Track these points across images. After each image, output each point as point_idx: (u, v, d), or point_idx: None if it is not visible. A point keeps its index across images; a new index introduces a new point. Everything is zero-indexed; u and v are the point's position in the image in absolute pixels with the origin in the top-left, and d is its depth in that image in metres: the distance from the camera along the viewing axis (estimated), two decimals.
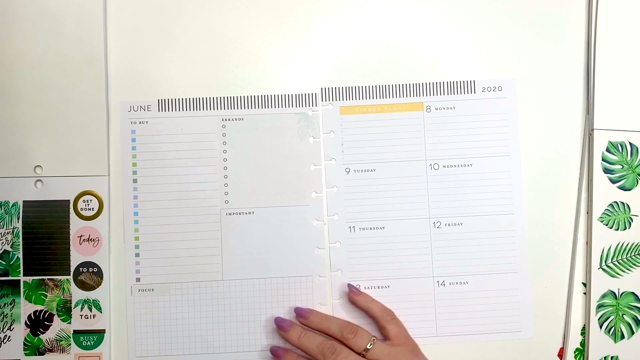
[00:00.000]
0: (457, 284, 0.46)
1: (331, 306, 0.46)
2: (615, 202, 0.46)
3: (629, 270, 0.46)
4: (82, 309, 0.46)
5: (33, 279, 0.46)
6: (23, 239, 0.46)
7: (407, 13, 0.47)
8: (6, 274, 0.46)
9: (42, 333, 0.46)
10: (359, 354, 0.41)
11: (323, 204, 0.47)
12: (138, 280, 0.46)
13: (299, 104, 0.47)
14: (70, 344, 0.46)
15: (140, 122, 0.47)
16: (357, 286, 0.46)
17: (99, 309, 0.46)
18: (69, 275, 0.46)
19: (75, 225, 0.46)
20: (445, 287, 0.46)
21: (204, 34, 0.47)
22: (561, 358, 0.47)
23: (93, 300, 0.46)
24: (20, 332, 0.46)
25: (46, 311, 0.46)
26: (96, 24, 0.46)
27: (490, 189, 0.47)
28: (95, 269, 0.46)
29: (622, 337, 0.46)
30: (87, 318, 0.46)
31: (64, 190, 0.46)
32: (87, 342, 0.46)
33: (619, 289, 0.46)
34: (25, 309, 0.46)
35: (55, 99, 0.46)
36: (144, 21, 0.47)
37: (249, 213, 0.46)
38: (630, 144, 0.46)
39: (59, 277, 0.46)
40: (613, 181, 0.46)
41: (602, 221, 0.46)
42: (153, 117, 0.47)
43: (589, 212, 0.46)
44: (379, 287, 0.46)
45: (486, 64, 0.47)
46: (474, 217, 0.46)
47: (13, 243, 0.46)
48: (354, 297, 0.45)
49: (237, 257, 0.46)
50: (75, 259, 0.46)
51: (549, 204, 0.47)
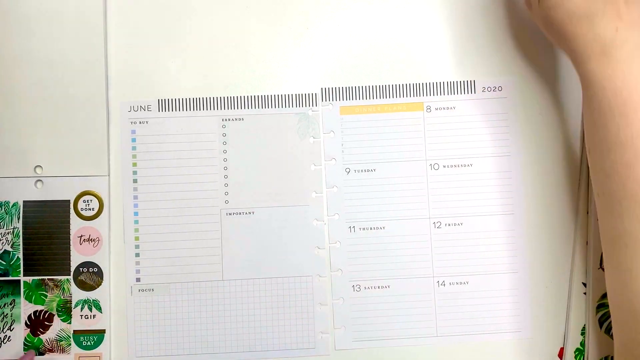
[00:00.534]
0: (457, 284, 0.46)
1: (331, 306, 0.46)
2: None
3: None
4: (82, 309, 0.46)
5: (33, 279, 0.46)
6: (23, 239, 0.46)
7: (407, 13, 0.47)
8: (6, 274, 0.46)
9: (42, 333, 0.46)
10: None
11: (323, 204, 0.46)
12: (138, 280, 0.46)
13: (299, 104, 0.47)
14: (70, 344, 0.46)
15: (140, 122, 0.47)
16: (357, 286, 0.46)
17: (99, 309, 0.46)
18: (69, 275, 0.46)
19: (76, 225, 0.46)
20: (445, 287, 0.46)
21: (203, 34, 0.47)
22: (561, 358, 0.47)
23: (93, 300, 0.46)
24: (20, 332, 0.46)
25: (46, 311, 0.46)
26: (96, 24, 0.46)
27: (490, 189, 0.47)
28: (96, 269, 0.46)
29: None
30: (87, 318, 0.46)
31: (64, 190, 0.46)
32: (87, 342, 0.46)
33: None
34: (25, 309, 0.46)
35: (56, 99, 0.46)
36: (144, 21, 0.47)
37: (249, 213, 0.46)
38: None
39: (59, 277, 0.46)
40: None
41: None
42: (153, 117, 0.47)
43: (589, 212, 0.46)
44: (379, 287, 0.46)
45: (486, 64, 0.47)
46: (474, 217, 0.46)
47: (13, 243, 0.46)
48: None
49: (237, 257, 0.46)
50: (76, 259, 0.46)
51: (549, 204, 0.47)
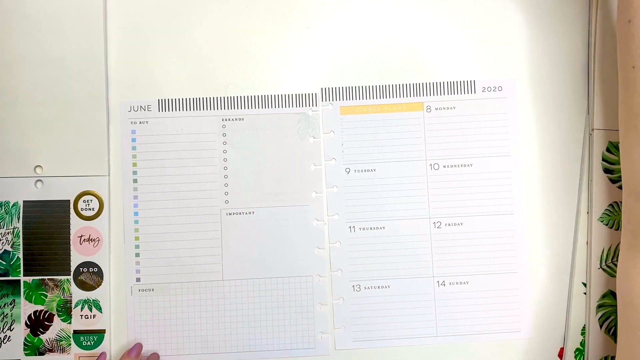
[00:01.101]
0: (457, 284, 0.46)
1: (331, 306, 0.46)
2: (615, 202, 0.46)
3: None
4: (82, 309, 0.46)
5: (33, 279, 0.46)
6: (23, 239, 0.46)
7: (407, 13, 0.47)
8: (6, 274, 0.46)
9: (42, 333, 0.46)
10: None
11: (323, 204, 0.46)
12: (138, 280, 0.46)
13: (299, 104, 0.47)
14: (70, 344, 0.46)
15: (140, 122, 0.47)
16: (357, 286, 0.46)
17: (99, 309, 0.46)
18: (69, 275, 0.46)
19: (76, 225, 0.46)
20: (445, 287, 0.46)
21: (203, 34, 0.47)
22: (561, 358, 0.47)
23: (93, 300, 0.46)
24: (20, 332, 0.46)
25: (46, 311, 0.46)
26: (96, 24, 0.46)
27: (490, 189, 0.47)
28: (96, 269, 0.46)
29: None
30: (87, 318, 0.46)
31: (64, 190, 0.46)
32: (87, 342, 0.46)
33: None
34: (25, 309, 0.46)
35: (56, 99, 0.46)
36: (144, 21, 0.47)
37: (249, 213, 0.46)
38: None
39: (59, 277, 0.46)
40: (613, 181, 0.46)
41: (602, 221, 0.46)
42: (153, 117, 0.47)
43: (589, 212, 0.46)
44: (379, 287, 0.46)
45: (486, 64, 0.47)
46: (474, 217, 0.46)
47: (13, 243, 0.46)
48: None
49: (237, 257, 0.46)
50: (76, 259, 0.46)
51: (549, 204, 0.47)
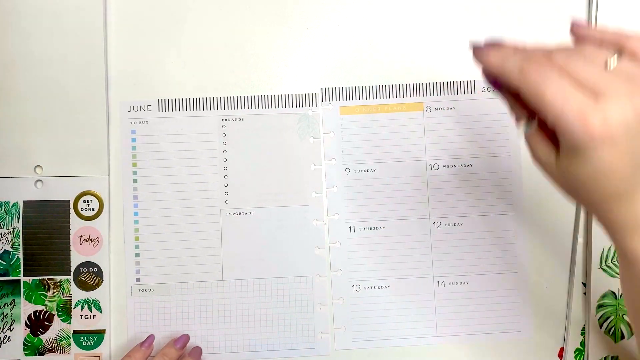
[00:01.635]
0: (457, 284, 0.46)
1: (331, 306, 0.46)
2: None
3: None
4: (82, 309, 0.46)
5: (33, 279, 0.46)
6: (23, 239, 0.46)
7: (407, 13, 0.47)
8: (6, 274, 0.46)
9: (42, 333, 0.46)
10: None
11: (323, 204, 0.46)
12: (138, 280, 0.46)
13: (299, 104, 0.47)
14: (70, 344, 0.46)
15: (140, 122, 0.47)
16: (357, 286, 0.46)
17: (99, 309, 0.46)
18: (69, 275, 0.46)
19: (76, 225, 0.46)
20: (445, 287, 0.46)
21: (204, 34, 0.47)
22: (561, 358, 0.47)
23: (93, 300, 0.46)
24: (20, 332, 0.46)
25: (46, 311, 0.46)
26: (96, 24, 0.46)
27: (490, 189, 0.47)
28: (95, 269, 0.46)
29: (622, 337, 0.46)
30: (87, 318, 0.46)
31: (64, 190, 0.46)
32: (87, 342, 0.46)
33: (619, 289, 0.46)
34: (25, 309, 0.46)
35: (56, 99, 0.46)
36: (144, 21, 0.47)
37: (249, 213, 0.46)
38: None
39: (59, 277, 0.46)
40: None
41: None
42: (153, 117, 0.47)
43: (588, 212, 0.46)
44: (379, 287, 0.46)
45: None
46: (474, 217, 0.46)
47: (13, 243, 0.46)
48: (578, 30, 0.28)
49: (237, 257, 0.46)
50: (75, 259, 0.46)
51: (549, 204, 0.47)
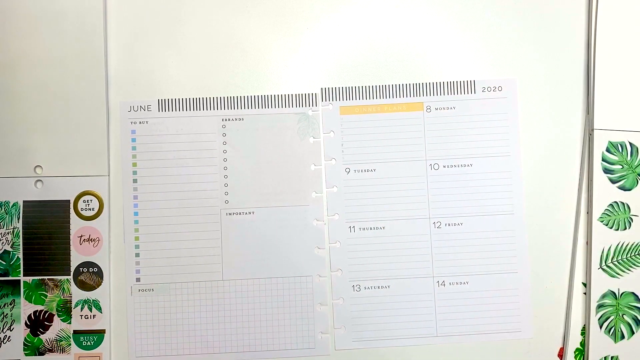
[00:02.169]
0: (457, 284, 0.46)
1: (331, 306, 0.46)
2: (615, 202, 0.46)
3: (629, 270, 0.46)
4: (82, 309, 0.46)
5: (33, 279, 0.46)
6: (23, 239, 0.46)
7: (407, 13, 0.47)
8: (6, 274, 0.46)
9: (42, 333, 0.46)
10: None
11: (323, 204, 0.46)
12: (138, 280, 0.46)
13: (299, 104, 0.47)
14: (70, 344, 0.46)
15: (140, 122, 0.47)
16: (357, 286, 0.46)
17: (99, 309, 0.46)
18: (69, 275, 0.46)
19: (76, 225, 0.46)
20: (445, 287, 0.46)
21: (204, 34, 0.47)
22: (561, 358, 0.47)
23: (93, 300, 0.46)
24: (20, 332, 0.46)
25: (46, 311, 0.46)
26: (96, 24, 0.46)
27: (490, 189, 0.47)
28: (95, 269, 0.46)
29: (622, 337, 0.46)
30: (87, 318, 0.46)
31: (64, 190, 0.46)
32: (87, 342, 0.46)
33: (619, 289, 0.46)
34: (25, 309, 0.46)
35: (56, 99, 0.46)
36: (144, 21, 0.47)
37: (249, 213, 0.46)
38: (630, 144, 0.46)
39: (59, 277, 0.46)
40: (613, 181, 0.46)
41: (602, 221, 0.46)
42: (153, 117, 0.47)
43: (589, 212, 0.46)
44: (379, 287, 0.46)
45: (486, 64, 0.47)
46: (474, 217, 0.46)
47: (13, 243, 0.46)
48: None
49: (237, 257, 0.46)
50: (75, 259, 0.46)
51: (549, 204, 0.47)
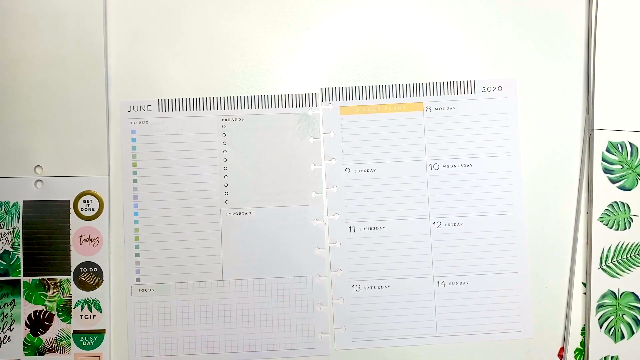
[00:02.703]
0: (457, 284, 0.46)
1: (331, 306, 0.46)
2: (615, 202, 0.46)
3: (629, 270, 0.46)
4: (82, 309, 0.46)
5: (33, 279, 0.46)
6: (23, 239, 0.46)
7: (407, 13, 0.47)
8: (6, 274, 0.46)
9: (42, 333, 0.46)
10: None
11: (323, 204, 0.46)
12: (138, 280, 0.46)
13: (299, 104, 0.47)
14: (70, 344, 0.46)
15: (140, 122, 0.47)
16: (357, 286, 0.46)
17: (99, 309, 0.46)
18: (69, 275, 0.46)
19: (76, 225, 0.46)
20: (445, 287, 0.46)
21: (203, 34, 0.47)
22: (561, 358, 0.47)
23: (93, 300, 0.46)
24: (20, 332, 0.46)
25: (46, 311, 0.46)
26: (96, 24, 0.46)
27: (490, 189, 0.47)
28: (95, 269, 0.46)
29: (622, 337, 0.46)
30: (87, 318, 0.46)
31: (64, 190, 0.46)
32: (87, 342, 0.46)
33: (619, 289, 0.46)
34: (25, 309, 0.46)
35: (56, 99, 0.46)
36: (144, 21, 0.47)
37: (249, 213, 0.46)
38: (630, 144, 0.46)
39: (59, 277, 0.46)
40: (613, 181, 0.46)
41: (602, 221, 0.46)
42: (153, 117, 0.47)
43: (589, 212, 0.46)
44: (379, 287, 0.46)
45: (486, 64, 0.47)
46: (474, 217, 0.46)
47: (13, 243, 0.46)
48: None
49: (237, 257, 0.46)
50: (75, 259, 0.46)
51: (549, 204, 0.47)
